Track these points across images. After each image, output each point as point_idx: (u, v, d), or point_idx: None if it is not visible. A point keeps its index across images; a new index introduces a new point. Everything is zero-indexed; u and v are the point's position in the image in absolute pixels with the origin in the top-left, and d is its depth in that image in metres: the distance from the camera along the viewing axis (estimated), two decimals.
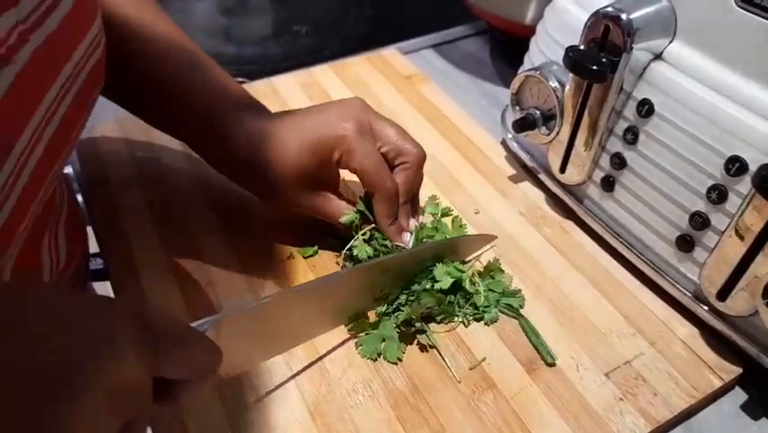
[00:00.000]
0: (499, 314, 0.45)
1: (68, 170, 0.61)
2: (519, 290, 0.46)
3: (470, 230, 0.51)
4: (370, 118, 0.45)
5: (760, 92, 0.39)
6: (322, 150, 0.44)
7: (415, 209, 0.48)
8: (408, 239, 0.46)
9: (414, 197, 0.48)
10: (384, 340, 0.42)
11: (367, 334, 0.42)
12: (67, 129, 0.34)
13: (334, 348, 0.42)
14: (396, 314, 0.43)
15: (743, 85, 0.40)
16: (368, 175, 0.44)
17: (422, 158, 0.46)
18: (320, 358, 0.42)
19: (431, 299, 0.42)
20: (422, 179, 0.48)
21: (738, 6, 0.39)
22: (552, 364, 0.42)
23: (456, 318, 0.44)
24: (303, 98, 0.65)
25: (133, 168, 0.55)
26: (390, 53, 0.72)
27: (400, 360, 0.41)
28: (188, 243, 0.49)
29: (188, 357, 0.27)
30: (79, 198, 0.58)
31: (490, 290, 0.45)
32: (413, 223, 0.47)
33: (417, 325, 0.42)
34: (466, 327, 0.44)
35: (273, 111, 0.48)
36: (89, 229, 0.52)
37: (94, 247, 0.53)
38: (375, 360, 0.42)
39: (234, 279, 0.47)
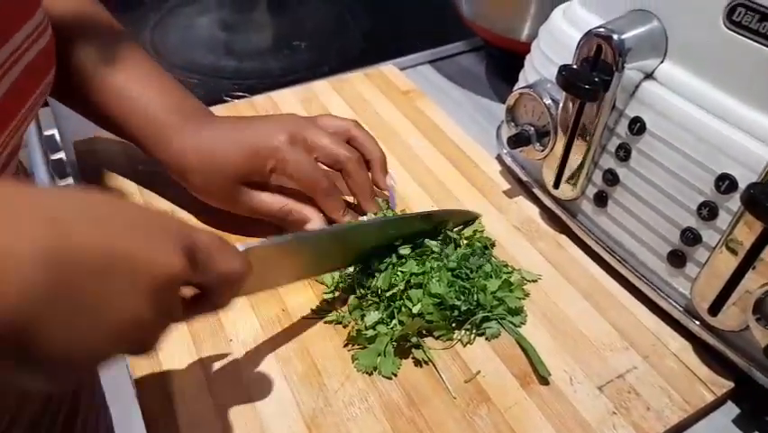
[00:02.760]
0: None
1: (69, 181, 0.62)
2: (523, 307, 0.46)
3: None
4: (302, 131, 0.49)
5: (749, 111, 0.40)
6: (255, 159, 0.47)
7: (379, 181, 0.52)
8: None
9: (374, 172, 0.52)
10: (380, 355, 0.42)
11: (363, 348, 0.43)
12: (2, 120, 0.35)
13: (331, 361, 0.43)
14: (392, 328, 0.43)
15: (732, 104, 0.41)
16: (302, 180, 0.48)
17: (355, 160, 0.49)
18: (317, 371, 0.42)
19: (432, 314, 0.43)
20: (368, 177, 0.51)
21: (727, 28, 0.40)
22: (546, 382, 0.42)
23: (455, 335, 0.44)
24: (302, 113, 0.65)
25: (134, 179, 0.56)
26: (388, 69, 0.73)
27: (395, 375, 0.42)
28: None
29: (221, 262, 0.30)
30: None
31: (498, 300, 0.46)
32: (388, 180, 0.52)
33: (413, 340, 0.43)
34: (464, 346, 0.44)
35: None
36: None
37: None
38: (371, 374, 0.42)
39: None
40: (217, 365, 0.42)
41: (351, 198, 0.53)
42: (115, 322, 0.24)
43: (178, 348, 0.43)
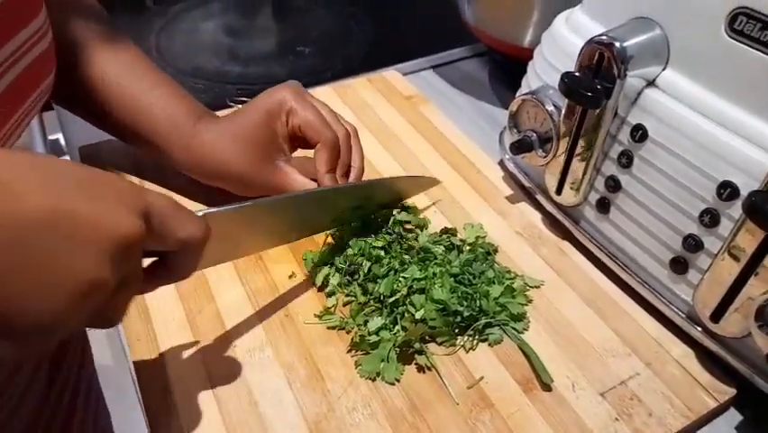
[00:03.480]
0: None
1: None
2: (525, 313, 0.46)
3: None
4: (304, 94, 0.51)
5: (750, 119, 0.40)
6: (270, 119, 0.49)
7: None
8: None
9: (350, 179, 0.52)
10: (383, 360, 0.43)
11: (366, 354, 0.43)
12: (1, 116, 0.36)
13: (335, 367, 0.43)
14: (395, 334, 0.44)
15: (734, 112, 0.41)
16: (310, 126, 0.49)
17: (347, 135, 0.51)
18: (320, 376, 0.42)
19: (435, 319, 0.43)
20: (352, 163, 0.52)
21: (729, 36, 0.40)
22: (548, 388, 0.42)
23: (458, 341, 0.44)
24: None
25: (138, 184, 0.56)
26: (391, 74, 0.73)
27: (398, 381, 0.42)
28: None
29: (179, 226, 0.30)
30: None
31: (500, 307, 0.46)
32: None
33: (416, 346, 0.43)
34: (467, 352, 0.44)
35: None
36: None
37: None
38: (374, 379, 0.42)
39: (233, 288, 0.47)
40: (221, 370, 0.42)
41: None
42: (73, 282, 0.24)
43: (181, 352, 0.43)
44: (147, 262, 0.32)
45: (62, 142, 0.66)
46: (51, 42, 0.40)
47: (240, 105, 0.68)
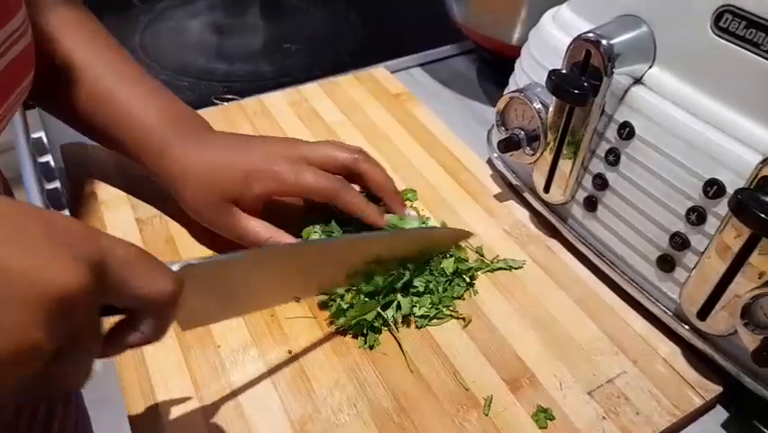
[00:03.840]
0: (484, 335, 0.45)
1: (56, 184, 0.61)
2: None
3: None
4: (300, 152, 0.47)
5: (736, 116, 0.40)
6: (250, 182, 0.46)
7: (399, 200, 0.51)
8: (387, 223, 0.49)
9: (391, 189, 0.50)
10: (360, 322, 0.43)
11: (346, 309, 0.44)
12: None
13: (320, 367, 0.43)
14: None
15: (720, 109, 0.41)
16: (313, 191, 0.46)
17: (363, 157, 0.48)
18: (306, 377, 0.42)
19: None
20: (382, 171, 0.50)
21: (714, 34, 0.40)
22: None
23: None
24: (292, 116, 0.65)
25: (121, 184, 0.56)
26: (379, 72, 0.73)
27: (371, 348, 0.43)
28: (176, 259, 0.49)
29: (142, 280, 0.26)
30: (66, 213, 0.59)
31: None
32: (406, 211, 0.50)
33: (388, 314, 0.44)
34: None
35: (263, 129, 0.49)
36: None
37: None
38: (347, 333, 0.44)
39: None
40: (205, 372, 0.42)
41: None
42: (4, 350, 0.20)
43: (166, 354, 0.43)
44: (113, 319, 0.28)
45: (45, 140, 0.65)
46: (31, 41, 0.39)
47: (226, 103, 0.68)
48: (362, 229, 0.48)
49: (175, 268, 0.30)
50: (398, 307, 0.45)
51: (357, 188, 0.49)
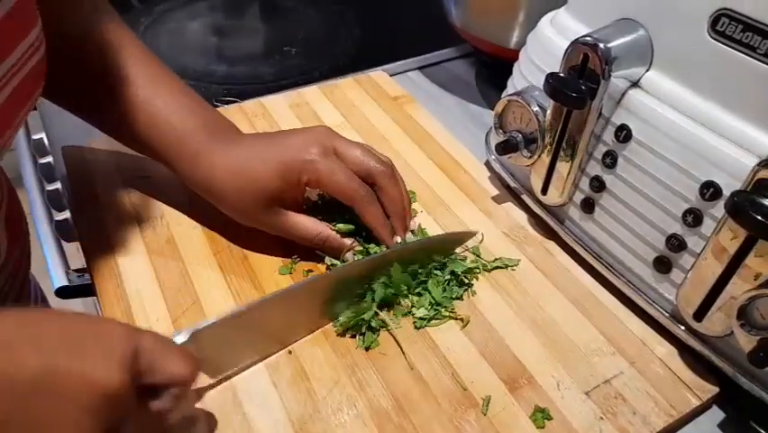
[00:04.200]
0: (483, 336, 0.45)
1: (57, 185, 0.61)
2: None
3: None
4: (333, 142, 0.48)
5: (733, 120, 0.40)
6: (288, 174, 0.46)
7: (403, 225, 0.50)
8: (398, 242, 0.49)
9: (405, 205, 0.50)
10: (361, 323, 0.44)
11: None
12: (1, 125, 0.36)
13: (320, 367, 0.43)
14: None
15: (717, 112, 0.41)
16: (340, 190, 0.46)
17: (390, 173, 0.48)
18: (306, 377, 0.42)
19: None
20: (403, 187, 0.50)
21: (711, 38, 0.40)
22: None
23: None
24: (292, 118, 0.66)
25: (122, 184, 0.56)
26: (378, 75, 0.73)
27: (368, 349, 0.44)
28: (176, 260, 0.49)
29: (165, 364, 0.30)
30: (67, 214, 0.59)
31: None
32: (411, 225, 0.51)
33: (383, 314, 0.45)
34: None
35: (263, 131, 0.49)
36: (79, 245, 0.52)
37: (80, 263, 0.53)
38: (346, 333, 0.44)
39: (221, 298, 0.47)
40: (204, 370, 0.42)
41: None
42: None
43: None
44: None
45: (46, 141, 0.66)
46: (44, 53, 0.39)
47: (227, 106, 0.68)
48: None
49: (185, 338, 0.35)
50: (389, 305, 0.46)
51: None
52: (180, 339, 0.36)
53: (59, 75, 0.42)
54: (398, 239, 0.49)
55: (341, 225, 0.49)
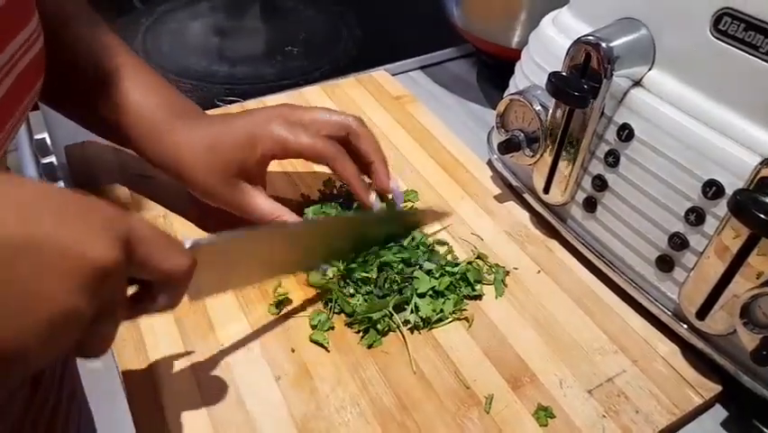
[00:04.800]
0: (485, 335, 0.45)
1: (59, 185, 0.61)
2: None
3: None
4: (296, 113, 0.49)
5: (735, 118, 0.41)
6: (251, 145, 0.47)
7: (386, 169, 0.51)
8: (375, 200, 0.50)
9: (381, 156, 0.51)
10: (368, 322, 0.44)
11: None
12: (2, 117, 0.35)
13: (323, 365, 0.43)
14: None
15: (719, 111, 0.41)
16: (309, 150, 0.47)
17: (358, 122, 0.49)
18: (309, 375, 0.42)
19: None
20: (374, 138, 0.51)
21: (714, 37, 0.40)
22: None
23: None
24: None
25: (125, 184, 0.56)
26: (380, 74, 0.73)
27: (370, 347, 0.44)
28: None
29: (163, 256, 0.29)
30: None
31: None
32: (392, 184, 0.51)
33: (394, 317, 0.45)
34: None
35: None
36: None
37: None
38: (352, 326, 0.45)
39: (224, 296, 0.47)
40: (208, 369, 0.42)
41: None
42: (46, 312, 0.23)
43: (169, 351, 0.43)
44: (131, 289, 0.31)
45: (48, 141, 0.66)
46: (43, 45, 0.39)
47: (229, 105, 0.68)
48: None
49: (186, 245, 0.34)
50: (416, 309, 0.45)
51: None
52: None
53: None
54: (373, 198, 0.50)
55: (310, 209, 0.50)
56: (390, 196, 0.52)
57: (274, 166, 0.58)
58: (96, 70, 0.49)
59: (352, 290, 0.46)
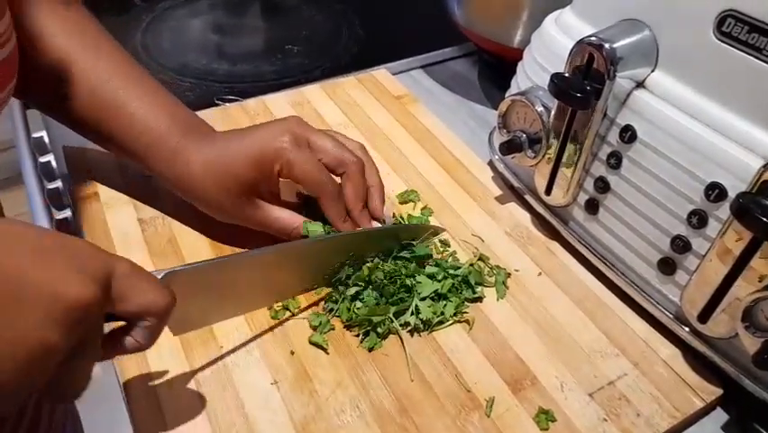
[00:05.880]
0: (486, 337, 0.45)
1: (57, 184, 0.61)
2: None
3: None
4: (305, 133, 0.48)
5: (738, 120, 0.40)
6: (262, 163, 0.46)
7: (376, 210, 0.51)
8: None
9: (372, 199, 0.50)
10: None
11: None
12: None
13: (322, 367, 0.43)
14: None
15: (722, 113, 0.41)
16: (308, 181, 0.47)
17: (360, 163, 0.49)
18: (308, 378, 0.42)
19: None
20: (376, 172, 0.51)
21: (717, 38, 0.40)
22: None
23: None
24: None
25: (123, 184, 0.56)
26: (381, 73, 0.73)
27: (371, 350, 0.44)
28: (178, 260, 0.49)
29: (141, 292, 0.30)
30: (67, 213, 0.59)
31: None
32: (385, 211, 0.51)
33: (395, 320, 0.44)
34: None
35: None
36: None
37: None
38: (351, 328, 0.45)
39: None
40: (208, 372, 0.42)
41: None
42: (24, 349, 0.24)
43: (168, 354, 0.43)
44: (110, 327, 0.31)
45: (46, 140, 0.65)
46: (15, 47, 0.39)
47: (227, 104, 0.68)
48: None
49: (159, 276, 0.33)
50: (417, 311, 0.45)
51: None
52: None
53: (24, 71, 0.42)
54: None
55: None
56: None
57: None
58: (97, 84, 0.48)
59: (352, 292, 0.46)
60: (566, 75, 0.46)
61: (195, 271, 0.36)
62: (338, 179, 0.49)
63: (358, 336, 0.44)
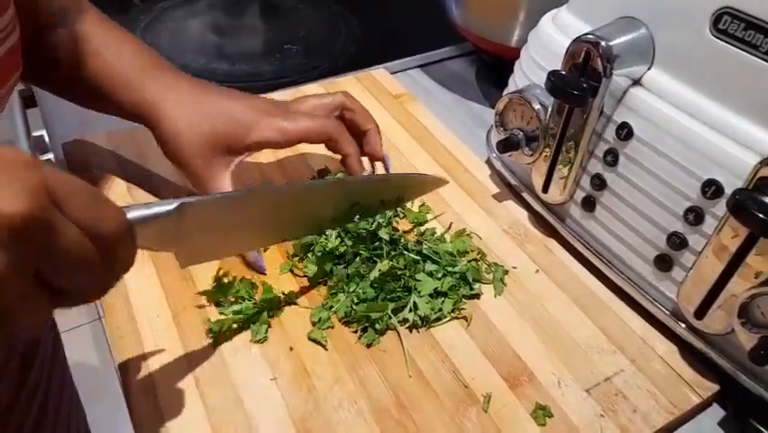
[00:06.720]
0: (484, 334, 0.45)
1: None
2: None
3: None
4: (292, 106, 0.50)
5: (734, 118, 0.40)
6: (248, 128, 0.47)
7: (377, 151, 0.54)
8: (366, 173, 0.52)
9: (370, 143, 0.53)
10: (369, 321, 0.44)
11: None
12: None
13: (321, 364, 0.43)
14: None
15: (718, 111, 0.41)
16: (313, 131, 0.48)
17: (347, 98, 0.52)
18: (306, 374, 0.42)
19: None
20: (364, 126, 0.53)
21: (713, 36, 0.40)
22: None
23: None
24: None
25: (123, 181, 0.56)
26: (379, 73, 0.73)
27: (369, 346, 0.44)
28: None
29: (86, 209, 0.26)
30: None
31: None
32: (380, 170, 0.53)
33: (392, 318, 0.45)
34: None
35: None
36: None
37: None
38: (350, 324, 0.45)
39: None
40: (206, 368, 0.42)
41: None
42: None
43: (167, 351, 0.43)
44: None
45: (46, 138, 0.66)
46: (19, 39, 0.39)
47: None
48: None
49: (173, 206, 0.31)
50: (415, 307, 0.45)
51: None
52: (167, 207, 0.32)
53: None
54: (367, 171, 0.52)
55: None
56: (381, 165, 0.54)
57: (269, 157, 0.59)
58: (97, 51, 0.49)
59: (353, 288, 0.46)
60: (563, 73, 0.46)
61: (210, 202, 0.35)
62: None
63: (356, 332, 0.45)
